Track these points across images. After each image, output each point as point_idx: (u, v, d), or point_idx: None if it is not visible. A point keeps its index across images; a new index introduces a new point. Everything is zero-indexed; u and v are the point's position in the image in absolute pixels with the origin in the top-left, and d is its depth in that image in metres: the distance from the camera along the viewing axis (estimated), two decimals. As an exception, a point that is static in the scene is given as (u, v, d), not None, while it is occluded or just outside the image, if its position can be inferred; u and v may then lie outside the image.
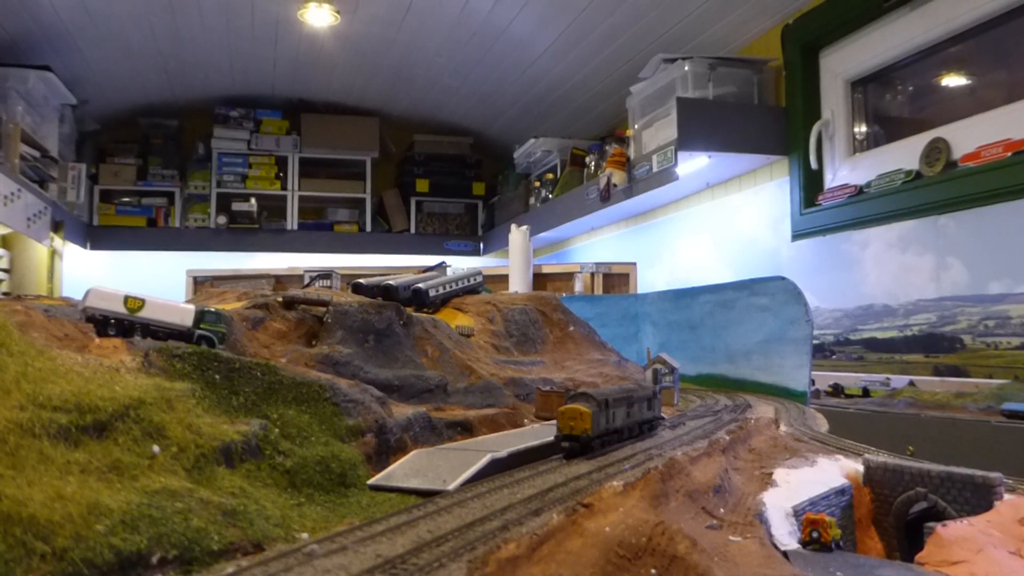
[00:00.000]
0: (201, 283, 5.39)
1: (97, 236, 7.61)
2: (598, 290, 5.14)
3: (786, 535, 1.39)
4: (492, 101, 7.30)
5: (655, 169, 4.91)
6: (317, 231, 8.21)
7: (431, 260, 5.17)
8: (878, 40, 4.23)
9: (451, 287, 3.28)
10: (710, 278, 5.13)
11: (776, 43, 4.86)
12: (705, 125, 4.64)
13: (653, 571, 1.01)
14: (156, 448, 1.12)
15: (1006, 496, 1.51)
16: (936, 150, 3.73)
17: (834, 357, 4.28)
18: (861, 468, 1.74)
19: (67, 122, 6.64)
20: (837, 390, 3.95)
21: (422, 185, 8.44)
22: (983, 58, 3.82)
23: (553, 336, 3.18)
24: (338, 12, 5.50)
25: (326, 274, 3.75)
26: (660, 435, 1.90)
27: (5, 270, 6.20)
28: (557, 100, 6.90)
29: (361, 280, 3.07)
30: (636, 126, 5.31)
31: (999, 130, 3.41)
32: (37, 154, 5.84)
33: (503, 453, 1.50)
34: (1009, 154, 3.29)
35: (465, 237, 8.70)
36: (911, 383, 3.72)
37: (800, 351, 3.20)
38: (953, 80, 4.01)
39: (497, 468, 1.44)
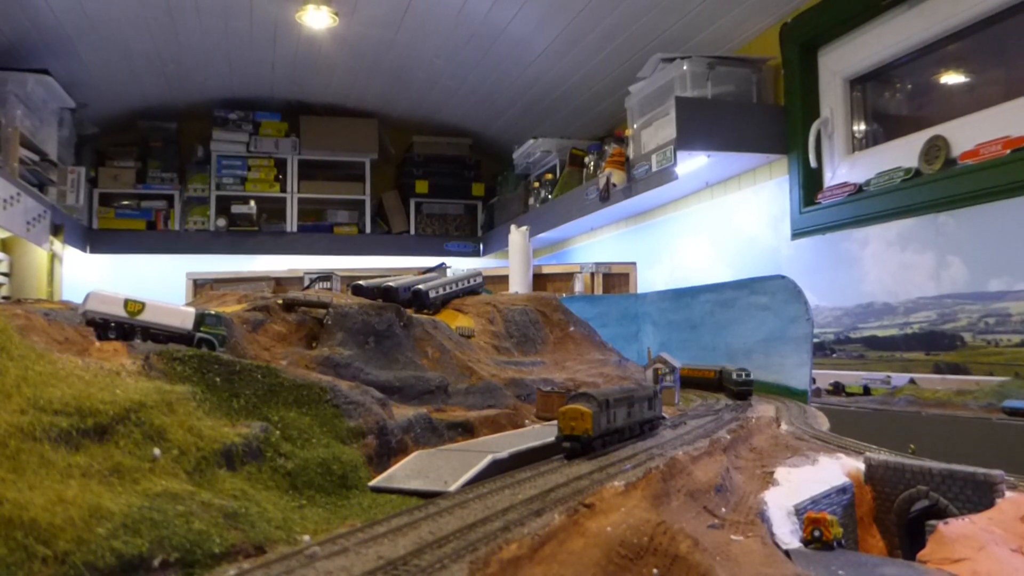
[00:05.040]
0: (201, 286, 5.39)
1: (97, 239, 7.61)
2: (598, 290, 5.14)
3: (788, 534, 1.39)
4: (491, 102, 7.30)
5: (654, 169, 4.91)
6: (316, 233, 8.20)
7: (431, 261, 5.16)
8: (876, 38, 4.23)
9: (451, 288, 3.28)
10: (710, 277, 5.13)
11: (774, 42, 4.86)
12: (704, 124, 4.64)
13: (655, 571, 1.01)
14: (157, 451, 1.12)
15: (1008, 494, 1.51)
16: (935, 148, 3.73)
17: (834, 355, 4.28)
18: (862, 466, 1.74)
19: (66, 126, 6.64)
20: (838, 388, 3.95)
21: (421, 186, 8.44)
22: (982, 56, 3.83)
23: (553, 336, 3.18)
24: (336, 14, 5.50)
25: (326, 276, 3.74)
26: (661, 435, 1.90)
27: (5, 274, 6.20)
28: (556, 100, 6.91)
29: (361, 282, 3.07)
30: (635, 126, 5.31)
31: (998, 127, 3.41)
32: (36, 158, 5.84)
33: (504, 454, 1.50)
34: (1008, 151, 3.29)
35: (465, 238, 8.70)
36: (912, 381, 3.72)
37: (800, 350, 3.20)
38: (952, 78, 4.01)
39: (498, 469, 1.44)
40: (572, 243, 7.87)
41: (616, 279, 5.24)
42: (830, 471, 1.74)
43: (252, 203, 7.82)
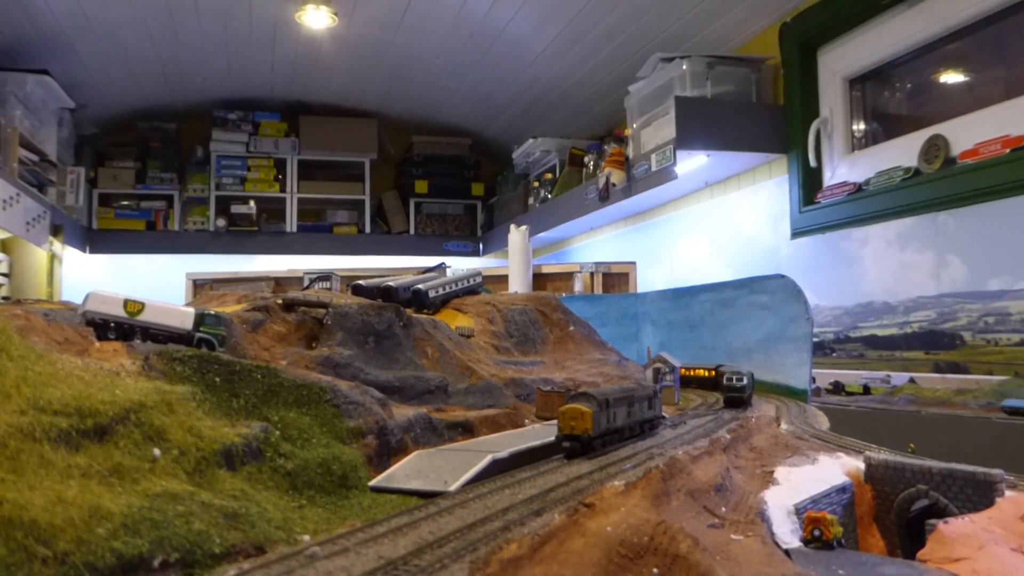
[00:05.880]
0: (201, 286, 5.38)
1: (96, 240, 7.61)
2: (598, 290, 5.14)
3: (788, 533, 1.39)
4: (490, 102, 7.30)
5: (654, 168, 4.91)
6: (316, 233, 8.21)
7: (431, 261, 5.17)
8: (876, 37, 4.23)
9: (451, 288, 3.28)
10: (710, 277, 5.13)
11: (774, 41, 4.86)
12: (703, 124, 4.64)
13: (655, 570, 1.01)
14: (157, 451, 1.12)
15: (1007, 493, 1.51)
16: (935, 147, 3.73)
17: (834, 355, 4.28)
18: (862, 466, 1.74)
19: (65, 126, 6.63)
20: (838, 388, 3.95)
21: (421, 186, 8.44)
22: (981, 55, 3.83)
23: (553, 336, 3.18)
24: (336, 14, 5.50)
25: (326, 276, 3.74)
26: (661, 434, 1.90)
27: (5, 274, 6.19)
28: (555, 100, 6.90)
29: (361, 282, 3.07)
30: (635, 125, 5.31)
31: (998, 127, 3.41)
32: (36, 158, 5.84)
33: (504, 453, 1.50)
34: (1008, 151, 3.30)
35: (464, 238, 8.70)
36: (912, 380, 3.72)
37: (800, 349, 3.20)
38: (951, 77, 4.01)
39: (498, 468, 1.44)
40: (572, 243, 7.87)
41: (616, 279, 5.24)
42: (830, 470, 1.74)
43: (252, 203, 7.82)
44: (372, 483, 1.38)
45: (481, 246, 8.72)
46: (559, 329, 3.22)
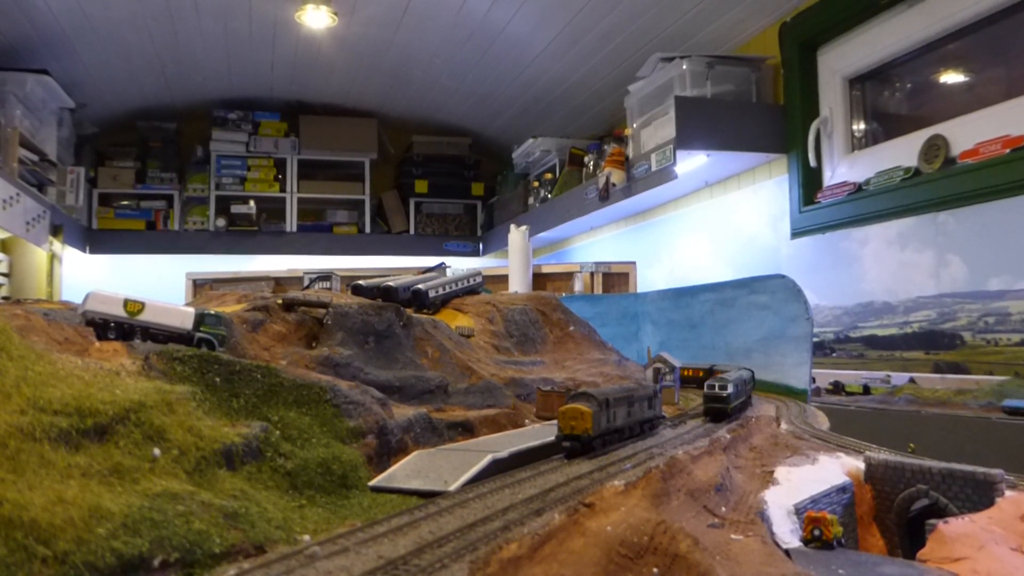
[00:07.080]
0: (201, 286, 5.39)
1: (96, 240, 7.60)
2: (598, 289, 5.14)
3: (788, 533, 1.39)
4: (490, 101, 7.30)
5: (654, 168, 4.91)
6: (316, 233, 8.20)
7: (430, 261, 5.17)
8: (876, 37, 4.23)
9: (451, 288, 3.28)
10: (710, 276, 5.13)
11: (774, 41, 4.86)
12: (703, 124, 4.64)
13: (655, 570, 1.01)
14: (157, 451, 1.12)
15: (1007, 493, 1.51)
16: (935, 147, 3.73)
17: (834, 355, 4.28)
18: (862, 466, 1.74)
19: (65, 126, 6.63)
20: (838, 388, 3.95)
21: (421, 186, 8.44)
22: (981, 54, 3.83)
23: (553, 336, 3.18)
24: (335, 14, 5.50)
25: (326, 276, 3.74)
26: (661, 434, 1.90)
27: (4, 274, 6.19)
28: (555, 100, 6.90)
29: (361, 281, 3.06)
30: (634, 125, 5.31)
31: (998, 126, 3.41)
32: (35, 158, 5.84)
33: (504, 453, 1.50)
34: (1008, 151, 3.30)
35: (464, 238, 8.70)
36: (911, 380, 3.72)
37: (800, 349, 3.20)
38: (951, 77, 4.01)
39: (498, 468, 1.44)
40: (572, 243, 7.87)
41: (616, 278, 5.24)
42: (830, 470, 1.75)
43: (252, 203, 7.81)
44: (372, 483, 1.38)
45: (481, 246, 8.72)
46: (559, 329, 3.22)
